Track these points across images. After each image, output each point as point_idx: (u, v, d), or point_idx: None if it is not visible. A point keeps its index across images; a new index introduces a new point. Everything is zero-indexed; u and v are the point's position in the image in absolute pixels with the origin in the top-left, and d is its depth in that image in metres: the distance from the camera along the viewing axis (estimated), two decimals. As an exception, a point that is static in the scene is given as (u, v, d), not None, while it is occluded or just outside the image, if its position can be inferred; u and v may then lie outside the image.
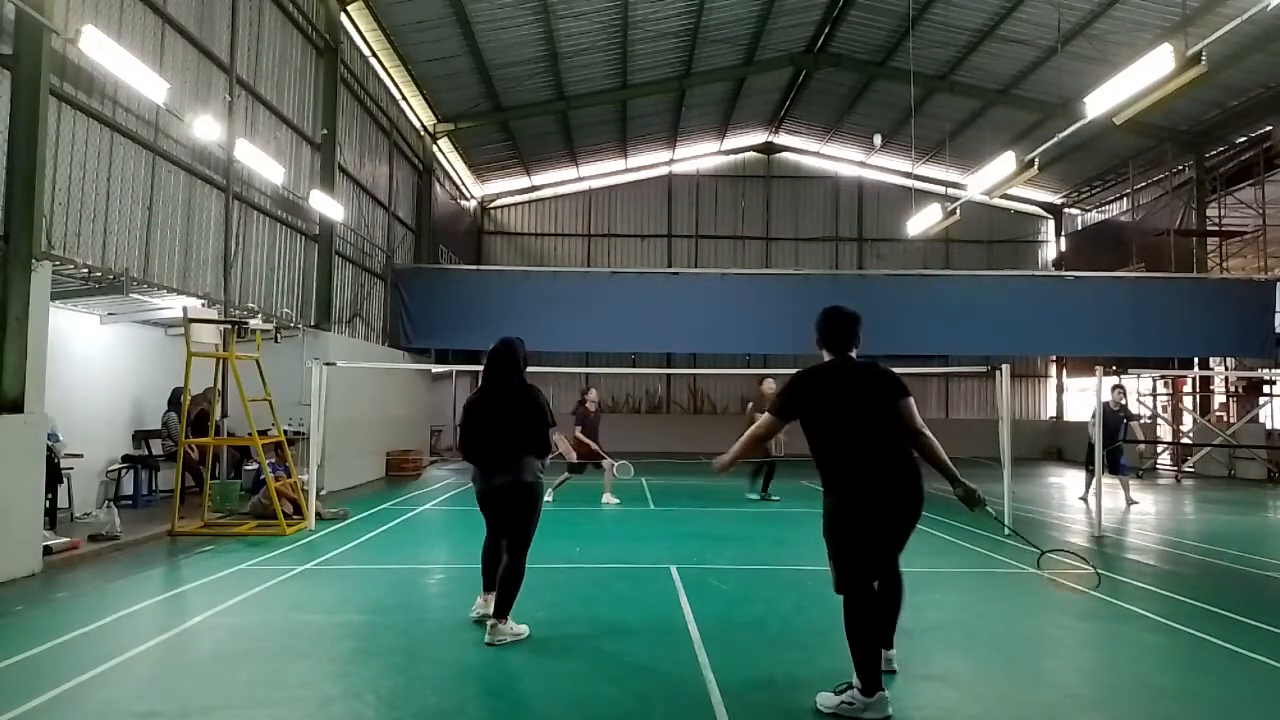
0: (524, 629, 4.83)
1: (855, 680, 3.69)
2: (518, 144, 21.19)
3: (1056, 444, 22.92)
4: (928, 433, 3.91)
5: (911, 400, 3.92)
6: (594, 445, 10.79)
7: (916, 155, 21.27)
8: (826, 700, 3.75)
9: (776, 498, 11.53)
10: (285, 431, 9.72)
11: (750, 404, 12.05)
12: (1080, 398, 23.41)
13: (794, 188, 25.22)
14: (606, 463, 10.86)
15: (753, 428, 4.10)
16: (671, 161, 24.87)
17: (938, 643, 4.81)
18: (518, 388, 5.00)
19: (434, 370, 18.14)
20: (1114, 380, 11.84)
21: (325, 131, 12.80)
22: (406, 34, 14.67)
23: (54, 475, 7.43)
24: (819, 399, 3.92)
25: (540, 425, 4.88)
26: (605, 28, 16.00)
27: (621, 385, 24.34)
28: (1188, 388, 19.29)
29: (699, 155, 24.96)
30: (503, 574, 4.81)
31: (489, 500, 4.96)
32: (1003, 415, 8.86)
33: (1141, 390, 18.45)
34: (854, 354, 4.05)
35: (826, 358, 4.09)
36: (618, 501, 11.07)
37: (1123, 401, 11.87)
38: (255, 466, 9.53)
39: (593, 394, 11.49)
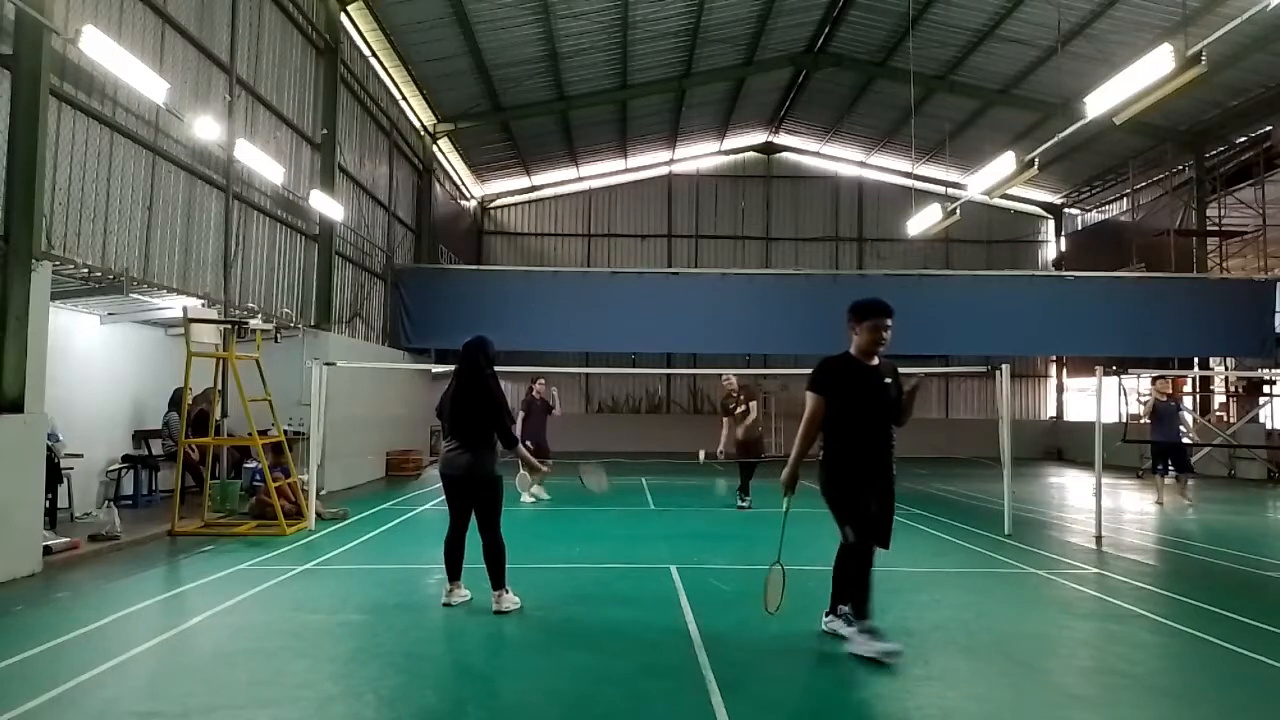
0: (518, 601, 5.45)
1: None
2: (518, 144, 21.19)
3: (1057, 444, 22.92)
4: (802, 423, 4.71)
5: (808, 392, 4.70)
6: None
7: (916, 155, 21.27)
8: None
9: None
10: (285, 431, 9.72)
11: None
12: (1080, 398, 23.42)
13: (794, 188, 25.21)
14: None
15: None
16: (671, 161, 24.86)
17: (938, 643, 4.81)
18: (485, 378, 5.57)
19: (434, 370, 18.09)
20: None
21: (325, 131, 12.80)
22: (406, 34, 14.66)
23: (54, 475, 7.43)
24: None
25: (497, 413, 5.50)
26: (605, 28, 15.99)
27: (621, 385, 24.35)
28: (1188, 388, 19.28)
29: (699, 155, 24.95)
30: (486, 553, 5.41)
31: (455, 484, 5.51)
32: (1003, 415, 8.86)
33: (1142, 390, 18.44)
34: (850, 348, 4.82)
35: None
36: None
37: (1169, 392, 11.82)
38: (255, 466, 9.53)
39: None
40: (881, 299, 4.75)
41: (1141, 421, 12.47)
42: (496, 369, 5.66)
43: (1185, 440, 11.60)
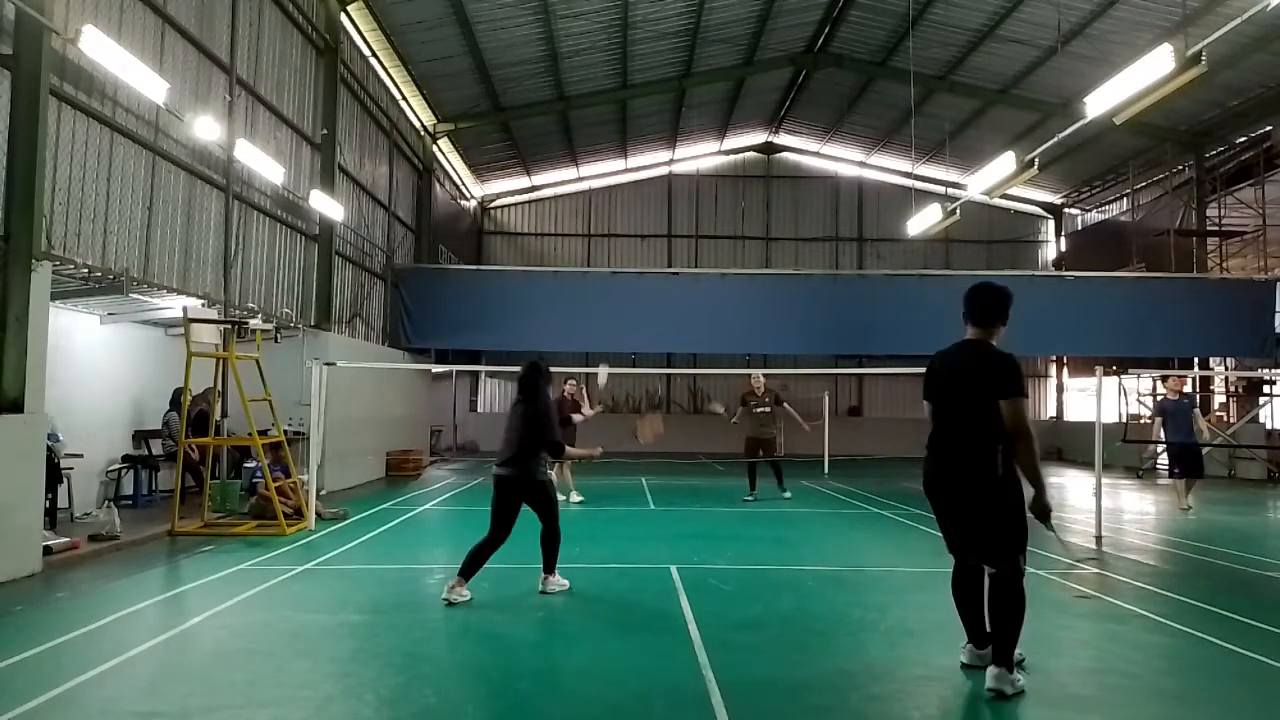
0: (566, 582, 5.91)
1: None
2: (518, 144, 21.19)
3: (1056, 444, 22.90)
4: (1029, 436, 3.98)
5: (1011, 400, 4.06)
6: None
7: (916, 155, 21.26)
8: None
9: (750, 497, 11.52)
10: (285, 431, 9.72)
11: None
12: (1080, 398, 23.42)
13: (794, 188, 25.22)
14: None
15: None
16: (671, 161, 24.87)
17: (939, 643, 4.80)
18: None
19: (434, 370, 18.14)
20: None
21: (325, 131, 12.80)
22: (406, 34, 14.66)
23: (54, 475, 7.43)
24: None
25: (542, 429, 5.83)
26: (605, 28, 15.99)
27: (622, 385, 24.34)
28: (1188, 387, 19.28)
29: (699, 155, 24.96)
30: (544, 537, 5.87)
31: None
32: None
33: (1142, 390, 18.45)
34: (971, 333, 4.39)
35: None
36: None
37: (1180, 389, 11.46)
38: (255, 466, 9.53)
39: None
40: None
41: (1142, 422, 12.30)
42: (515, 371, 6.16)
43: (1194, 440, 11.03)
